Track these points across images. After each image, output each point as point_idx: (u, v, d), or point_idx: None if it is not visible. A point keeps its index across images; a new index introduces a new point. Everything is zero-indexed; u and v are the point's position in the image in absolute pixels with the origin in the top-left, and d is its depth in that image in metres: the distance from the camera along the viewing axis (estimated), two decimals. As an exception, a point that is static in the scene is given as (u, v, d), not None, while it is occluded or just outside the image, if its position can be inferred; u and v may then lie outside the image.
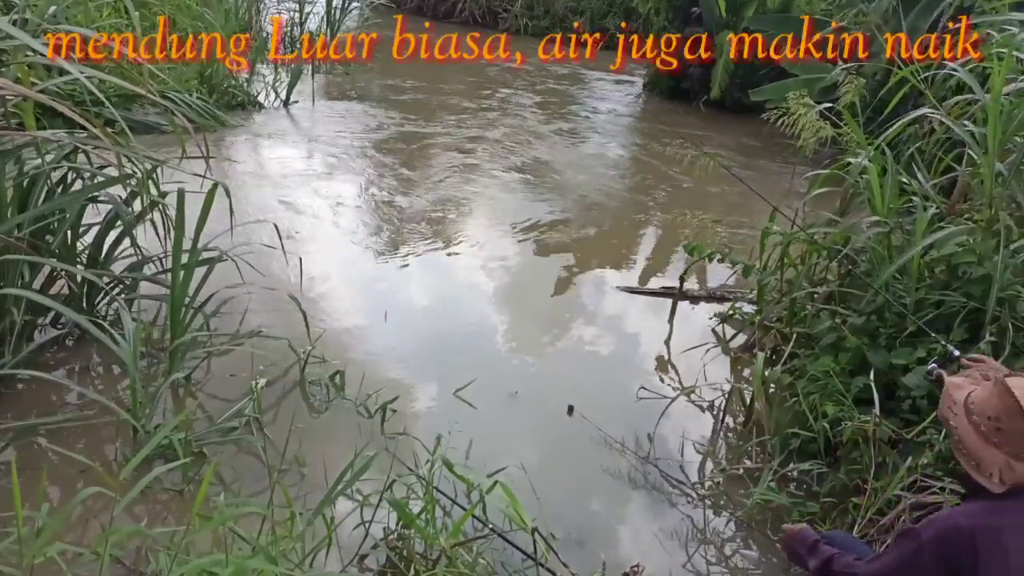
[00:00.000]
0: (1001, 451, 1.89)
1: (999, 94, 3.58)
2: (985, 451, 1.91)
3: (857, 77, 4.66)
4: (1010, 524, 1.85)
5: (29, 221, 3.48)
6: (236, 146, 6.98)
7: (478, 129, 8.31)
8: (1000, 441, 1.89)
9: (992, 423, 1.91)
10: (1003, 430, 1.89)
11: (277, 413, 3.58)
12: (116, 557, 2.58)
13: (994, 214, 3.64)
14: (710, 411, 4.04)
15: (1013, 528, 1.84)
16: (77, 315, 3.30)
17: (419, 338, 4.40)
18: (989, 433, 1.91)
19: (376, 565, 2.75)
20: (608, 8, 13.30)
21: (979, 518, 1.88)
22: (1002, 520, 1.86)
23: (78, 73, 3.11)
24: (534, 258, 5.57)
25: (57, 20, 4.02)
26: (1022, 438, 1.87)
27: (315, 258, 5.03)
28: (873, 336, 3.66)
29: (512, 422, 3.75)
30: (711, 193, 7.11)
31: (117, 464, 3.11)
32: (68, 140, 3.56)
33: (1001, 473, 1.88)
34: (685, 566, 3.07)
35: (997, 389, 1.92)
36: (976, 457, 1.92)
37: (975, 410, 1.96)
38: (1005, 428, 1.89)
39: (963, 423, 1.96)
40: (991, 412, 1.92)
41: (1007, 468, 1.88)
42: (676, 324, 4.92)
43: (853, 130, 4.32)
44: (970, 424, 1.95)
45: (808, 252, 4.40)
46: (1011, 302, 3.37)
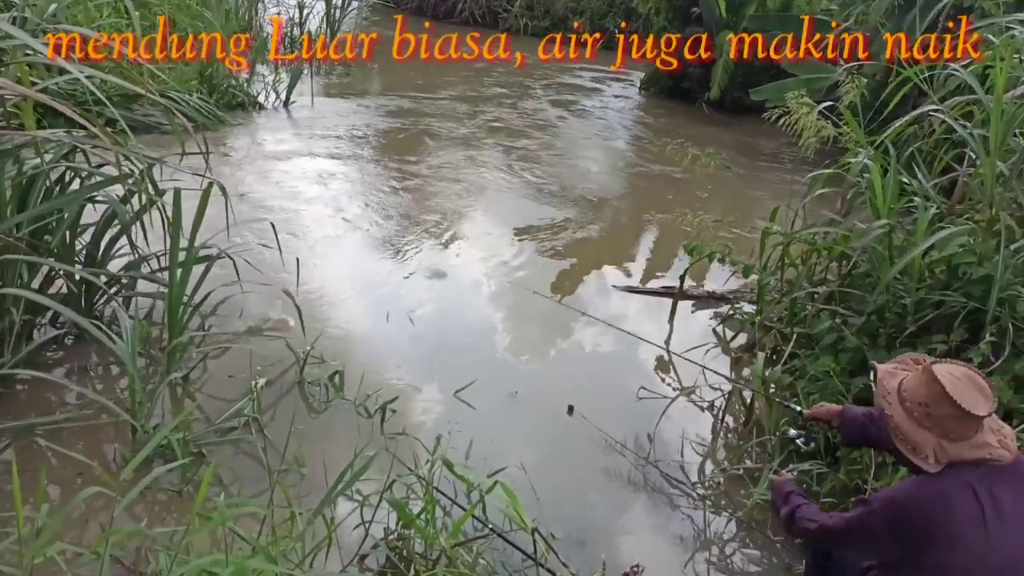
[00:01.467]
0: (932, 434, 2.04)
1: (1001, 95, 3.57)
2: (919, 435, 2.06)
3: (858, 77, 4.66)
4: (950, 486, 2.01)
5: (28, 221, 3.48)
6: (236, 146, 6.97)
7: (478, 129, 8.31)
8: (931, 425, 2.05)
9: (923, 409, 2.06)
10: (932, 415, 2.05)
11: (276, 413, 3.58)
12: (116, 557, 2.57)
13: (995, 214, 3.64)
14: (710, 411, 4.03)
15: (953, 488, 2.01)
16: (76, 314, 3.30)
17: (419, 338, 4.40)
18: (921, 418, 2.06)
19: (376, 565, 2.75)
20: (608, 8, 13.30)
21: (923, 487, 2.05)
22: (942, 484, 2.02)
23: (78, 73, 3.11)
24: (534, 258, 5.57)
25: (57, 20, 4.01)
26: (950, 421, 2.02)
27: (315, 258, 5.03)
28: (873, 336, 3.66)
29: (512, 422, 3.74)
30: (711, 193, 7.11)
31: (116, 464, 3.11)
32: (67, 140, 3.56)
33: (935, 454, 2.03)
34: (685, 566, 3.07)
35: (925, 377, 2.09)
36: (912, 441, 2.07)
37: (907, 397, 2.11)
38: (934, 413, 2.04)
39: (897, 411, 2.11)
40: (921, 398, 2.07)
41: (940, 448, 2.03)
42: (676, 324, 4.92)
43: (853, 130, 4.32)
44: (904, 411, 2.10)
45: (808, 252, 4.40)
46: (1011, 302, 3.37)
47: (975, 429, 2.04)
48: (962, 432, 2.03)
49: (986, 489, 2.00)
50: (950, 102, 4.09)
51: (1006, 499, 2.00)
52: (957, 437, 2.04)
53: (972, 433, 2.04)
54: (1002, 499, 1.99)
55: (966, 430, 2.03)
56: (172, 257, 3.55)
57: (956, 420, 2.02)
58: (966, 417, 2.01)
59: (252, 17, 10.00)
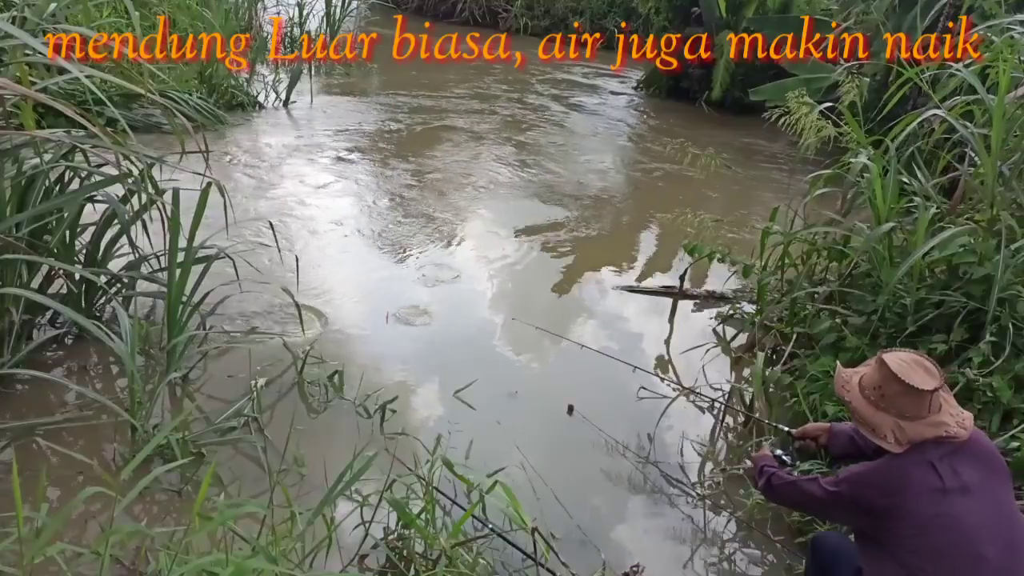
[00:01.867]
0: (890, 415, 2.23)
1: (1004, 95, 3.57)
2: (877, 416, 2.25)
3: (858, 77, 4.66)
4: (912, 462, 2.20)
5: (28, 220, 3.48)
6: (236, 146, 6.97)
7: (478, 129, 8.31)
8: (886, 406, 2.24)
9: (877, 392, 2.26)
10: (885, 395, 2.24)
11: (276, 413, 3.58)
12: (116, 557, 2.57)
13: (996, 214, 3.64)
14: (710, 411, 4.03)
15: (914, 464, 2.19)
16: (76, 314, 3.29)
17: (419, 338, 4.40)
18: (877, 400, 2.26)
19: (376, 565, 2.75)
20: (608, 8, 13.30)
21: (887, 463, 2.24)
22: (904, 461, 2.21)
23: (78, 72, 3.10)
24: (534, 258, 5.56)
25: (56, 19, 4.01)
26: (901, 398, 2.21)
27: (315, 258, 5.03)
28: (873, 336, 3.66)
29: (512, 422, 3.74)
30: (711, 192, 7.10)
31: (116, 464, 3.11)
32: (66, 139, 3.56)
33: (895, 434, 2.21)
34: (685, 566, 3.07)
35: (876, 363, 2.30)
36: (871, 423, 2.26)
37: (865, 385, 2.32)
38: (886, 393, 2.24)
39: (856, 396, 2.32)
40: (875, 383, 2.28)
41: (898, 428, 2.21)
42: (677, 325, 4.92)
43: (853, 130, 4.32)
44: (863, 397, 2.30)
45: (808, 252, 4.40)
46: (1011, 302, 3.37)
47: (927, 407, 2.20)
48: (916, 410, 2.20)
49: (947, 465, 2.16)
50: (952, 101, 4.09)
51: (968, 472, 2.16)
52: (913, 416, 2.20)
53: (926, 412, 2.20)
54: (963, 472, 2.16)
55: (919, 408, 2.20)
56: (171, 257, 3.54)
57: (906, 397, 2.20)
58: (914, 392, 2.19)
59: (252, 17, 10.00)
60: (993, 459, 2.25)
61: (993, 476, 2.20)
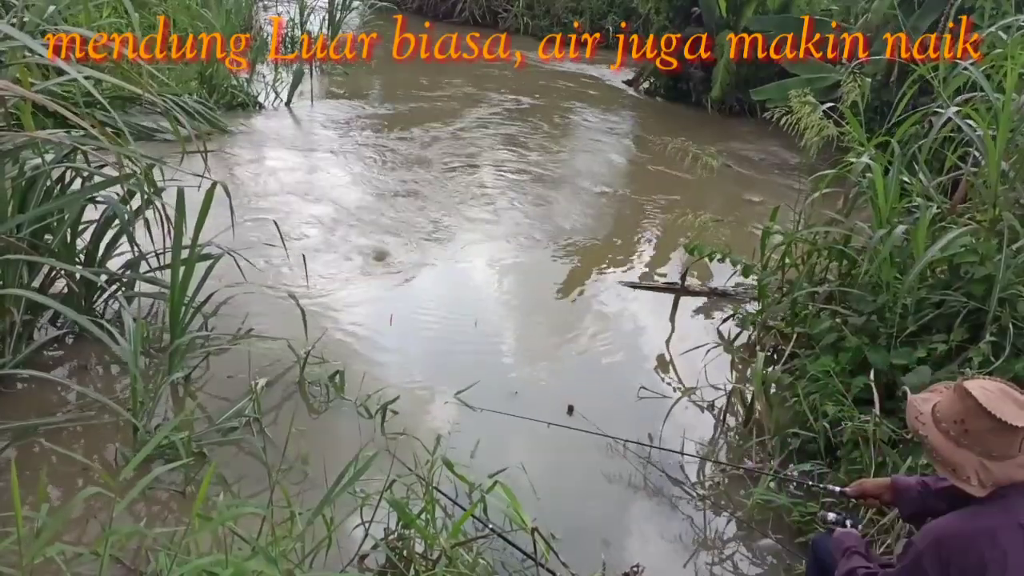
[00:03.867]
0: (973, 452, 1.94)
1: (1011, 93, 3.57)
2: (958, 455, 1.95)
3: (860, 77, 4.66)
4: (1000, 525, 1.90)
5: (29, 221, 3.48)
6: (236, 147, 6.97)
7: (477, 128, 8.30)
8: (969, 443, 1.94)
9: (959, 426, 1.96)
10: (969, 431, 1.94)
11: (278, 414, 3.58)
12: (116, 557, 2.58)
13: (998, 214, 3.63)
14: (711, 411, 4.03)
15: (1004, 528, 1.89)
16: (77, 315, 3.30)
17: (420, 339, 4.40)
18: (958, 436, 1.96)
19: (376, 565, 2.75)
20: (608, 8, 13.28)
21: (970, 521, 1.93)
22: (992, 521, 1.91)
23: (77, 74, 3.11)
24: (534, 258, 5.56)
25: (55, 20, 4.01)
26: (988, 436, 1.92)
27: (317, 259, 5.02)
28: (873, 336, 3.66)
29: (512, 422, 3.73)
30: (712, 192, 7.10)
31: (117, 464, 3.11)
32: (67, 140, 3.56)
33: (979, 475, 1.93)
34: (685, 566, 3.07)
35: (957, 393, 1.99)
36: (951, 463, 1.97)
37: (941, 417, 2.01)
38: (971, 429, 1.94)
39: (932, 431, 2.01)
40: (956, 416, 1.97)
41: (983, 469, 1.93)
42: (677, 325, 4.92)
43: (855, 129, 4.31)
44: (939, 431, 2.00)
45: (809, 252, 4.39)
46: (1012, 302, 3.37)
47: (1018, 445, 1.93)
48: (1004, 448, 1.93)
49: None
50: (960, 99, 4.08)
51: None
52: (1000, 455, 1.93)
53: (1015, 450, 1.93)
54: None
55: (1008, 446, 1.92)
56: (175, 257, 3.55)
57: (995, 434, 1.92)
58: (1005, 429, 1.90)
59: (252, 17, 9.99)
60: None
61: None
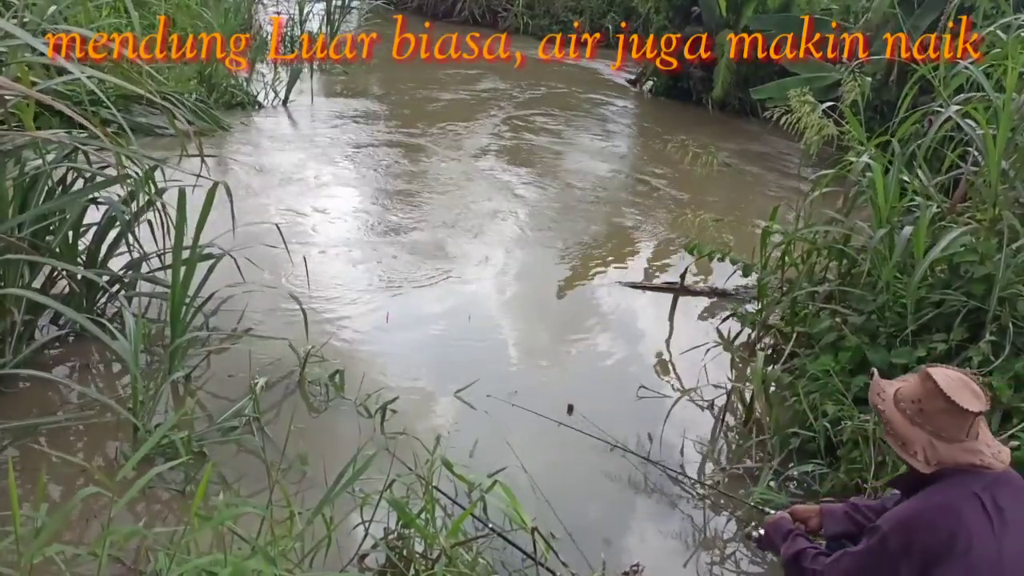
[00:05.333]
0: (923, 431, 2.09)
1: (1011, 93, 3.57)
2: (910, 431, 2.11)
3: (860, 76, 4.65)
4: (957, 496, 2.02)
5: (30, 221, 3.48)
6: (236, 146, 6.97)
7: (478, 127, 8.30)
8: (922, 421, 2.10)
9: (915, 405, 2.12)
10: (924, 411, 2.09)
11: (278, 413, 3.58)
12: (116, 557, 2.57)
13: (998, 213, 3.63)
14: (710, 410, 4.03)
15: (961, 499, 2.01)
16: (77, 314, 3.30)
17: (420, 338, 4.40)
18: (913, 415, 2.12)
19: (376, 565, 2.75)
20: (608, 8, 13.27)
21: (929, 500, 2.06)
22: (948, 496, 2.03)
23: (80, 73, 3.11)
24: (534, 258, 5.56)
25: (55, 20, 4.01)
26: (941, 416, 2.06)
27: (315, 259, 5.02)
28: (873, 335, 3.66)
29: (512, 422, 3.74)
30: (712, 192, 7.10)
31: (118, 463, 3.11)
32: (68, 140, 3.56)
33: (925, 451, 2.07)
34: (685, 566, 3.07)
35: (920, 376, 2.15)
36: (902, 437, 2.12)
37: (901, 398, 2.17)
38: (926, 408, 2.09)
39: (890, 407, 2.18)
40: (914, 396, 2.13)
41: (930, 447, 2.07)
42: (677, 324, 4.92)
43: (855, 129, 4.31)
44: (897, 409, 2.16)
45: (809, 251, 4.39)
46: (1012, 301, 3.37)
47: (966, 431, 2.05)
48: (954, 432, 2.05)
49: (990, 498, 2.01)
50: (959, 98, 4.08)
51: (1007, 507, 2.01)
52: (949, 437, 2.06)
53: (964, 435, 2.05)
54: (1004, 508, 2.01)
55: (958, 430, 2.05)
56: (175, 257, 3.55)
57: (947, 416, 2.05)
58: (957, 412, 2.03)
59: (252, 17, 9.98)
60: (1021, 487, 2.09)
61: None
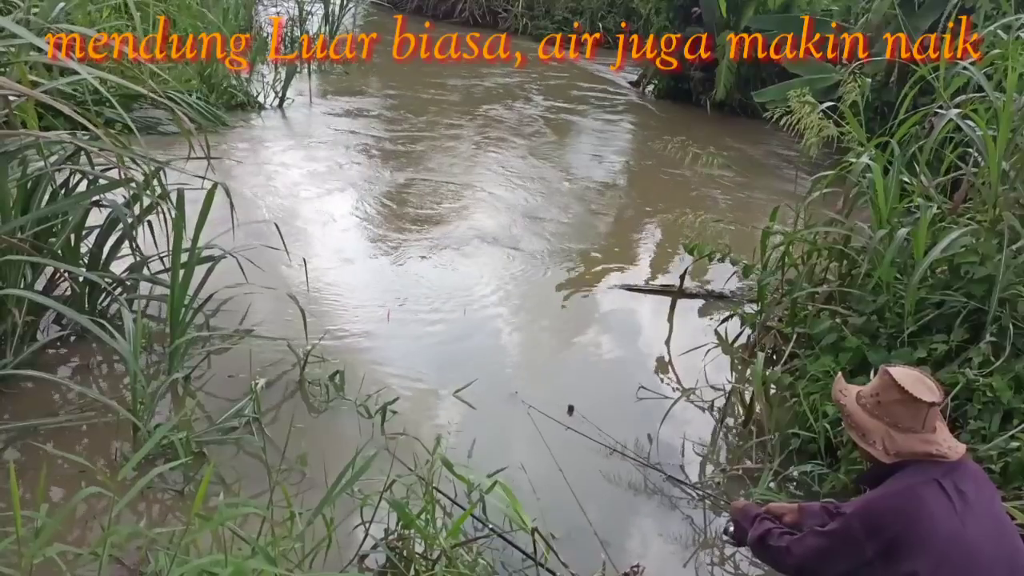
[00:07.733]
0: (882, 422, 2.21)
1: (1012, 93, 3.57)
2: (869, 423, 2.23)
3: (860, 77, 4.65)
4: (918, 483, 2.12)
5: (32, 223, 3.48)
6: (236, 146, 6.97)
7: (477, 127, 8.30)
8: (880, 413, 2.22)
9: (873, 399, 2.25)
10: (881, 403, 2.22)
11: (278, 413, 3.58)
12: (116, 557, 2.58)
13: (998, 214, 3.63)
14: (710, 411, 4.03)
15: (922, 485, 2.12)
16: (78, 315, 3.30)
17: (420, 338, 4.40)
18: (872, 407, 2.24)
19: (376, 565, 2.75)
20: (608, 8, 13.27)
21: (892, 487, 2.17)
22: (910, 481, 2.14)
23: (85, 72, 3.11)
24: (534, 258, 5.55)
25: (57, 20, 4.02)
26: (897, 407, 2.18)
27: (315, 259, 5.02)
28: (873, 336, 3.66)
29: (512, 422, 3.74)
30: (712, 192, 7.10)
31: (118, 464, 3.11)
32: (71, 142, 3.57)
33: (884, 441, 2.19)
34: (685, 566, 3.07)
35: (880, 373, 2.28)
36: (862, 428, 2.24)
37: (862, 393, 2.31)
38: (883, 400, 2.21)
39: (851, 402, 2.31)
40: (873, 391, 2.27)
41: (888, 437, 2.19)
42: (677, 325, 4.92)
43: (855, 130, 4.31)
44: (857, 404, 2.29)
45: (809, 252, 4.39)
46: (1012, 302, 3.37)
47: (921, 421, 2.17)
48: (910, 422, 2.17)
49: (951, 483, 2.12)
50: (959, 99, 4.08)
51: (968, 491, 2.12)
52: (906, 428, 2.17)
53: (919, 426, 2.17)
54: (965, 491, 2.12)
55: (913, 420, 2.17)
56: (175, 258, 3.55)
57: (903, 406, 2.17)
58: (912, 403, 2.15)
59: (252, 17, 9.98)
60: (981, 476, 2.23)
61: (987, 490, 2.19)
